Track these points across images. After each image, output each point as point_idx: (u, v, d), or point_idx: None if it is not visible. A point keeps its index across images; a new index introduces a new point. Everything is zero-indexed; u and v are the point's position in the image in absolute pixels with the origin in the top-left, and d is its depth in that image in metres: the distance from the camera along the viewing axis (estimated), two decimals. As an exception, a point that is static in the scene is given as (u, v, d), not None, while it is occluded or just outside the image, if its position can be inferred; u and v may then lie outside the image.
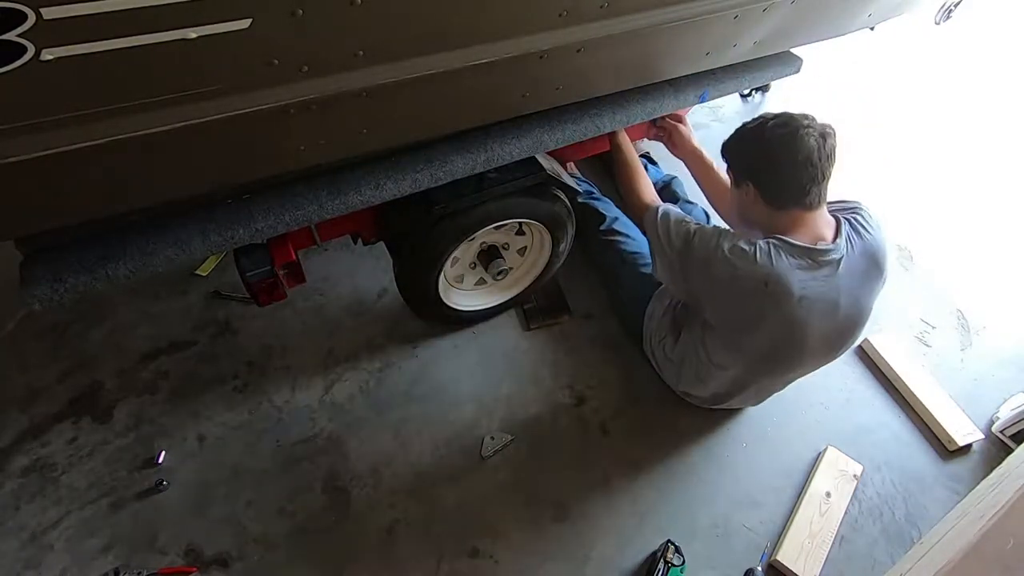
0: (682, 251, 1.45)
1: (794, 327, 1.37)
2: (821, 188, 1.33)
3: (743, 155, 1.42)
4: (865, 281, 1.41)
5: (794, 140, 1.28)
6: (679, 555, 1.53)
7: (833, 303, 1.37)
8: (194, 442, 1.68)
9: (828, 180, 1.34)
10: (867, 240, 1.40)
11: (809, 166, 1.28)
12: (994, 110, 3.35)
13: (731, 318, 1.45)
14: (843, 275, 1.35)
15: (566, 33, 1.17)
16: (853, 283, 1.38)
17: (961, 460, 1.86)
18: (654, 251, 1.55)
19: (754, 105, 3.08)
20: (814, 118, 1.33)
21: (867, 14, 1.86)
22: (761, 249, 1.33)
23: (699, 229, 1.44)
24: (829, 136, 1.31)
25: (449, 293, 1.84)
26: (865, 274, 1.40)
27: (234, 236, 1.27)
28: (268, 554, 1.51)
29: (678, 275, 1.48)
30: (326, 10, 0.87)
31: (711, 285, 1.42)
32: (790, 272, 1.31)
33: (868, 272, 1.40)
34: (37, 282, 1.13)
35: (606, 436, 1.79)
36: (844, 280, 1.36)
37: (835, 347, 1.50)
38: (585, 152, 1.87)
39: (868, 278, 1.41)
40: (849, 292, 1.38)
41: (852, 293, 1.39)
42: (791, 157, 1.29)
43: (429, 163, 1.40)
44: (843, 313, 1.39)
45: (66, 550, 1.48)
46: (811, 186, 1.31)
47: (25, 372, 1.80)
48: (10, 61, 0.71)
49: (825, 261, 1.33)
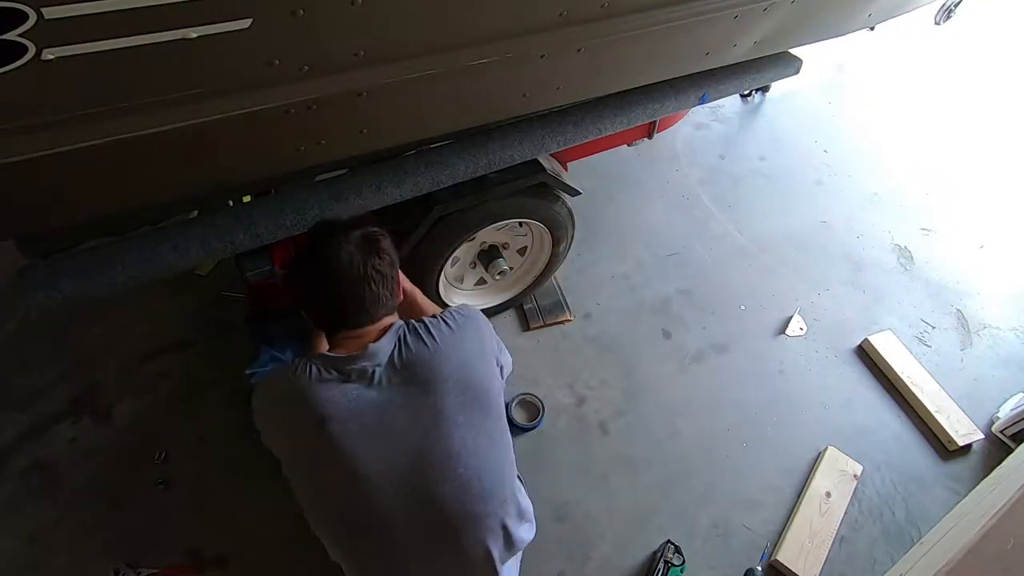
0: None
1: (335, 458, 0.97)
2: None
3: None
4: (423, 402, 1.01)
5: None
6: (679, 555, 1.53)
7: (381, 427, 0.99)
8: (194, 442, 1.68)
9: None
10: (427, 340, 1.04)
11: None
12: (994, 110, 3.35)
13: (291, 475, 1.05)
14: (386, 390, 1.00)
15: (566, 33, 1.17)
16: (404, 402, 1.00)
17: (961, 460, 1.85)
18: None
19: (754, 105, 3.09)
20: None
21: (867, 14, 1.86)
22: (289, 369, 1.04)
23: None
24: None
25: (449, 293, 1.84)
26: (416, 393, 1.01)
27: (235, 241, 1.26)
28: (268, 554, 1.51)
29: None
30: (326, 10, 0.87)
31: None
32: (310, 388, 0.99)
33: (418, 390, 1.01)
34: (36, 289, 1.13)
35: (606, 436, 1.79)
36: (388, 396, 1.00)
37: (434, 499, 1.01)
38: (585, 152, 1.87)
39: (422, 398, 1.01)
40: (402, 413, 1.00)
41: (408, 414, 1.00)
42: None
43: (430, 166, 1.40)
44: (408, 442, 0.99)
45: (66, 550, 1.48)
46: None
47: (25, 372, 1.80)
48: (11, 61, 0.71)
49: (356, 372, 1.00)
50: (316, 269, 1.06)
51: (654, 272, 2.26)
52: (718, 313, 2.15)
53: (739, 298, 2.21)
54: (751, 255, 2.38)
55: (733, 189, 2.65)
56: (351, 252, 1.04)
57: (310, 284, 1.07)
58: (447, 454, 1.00)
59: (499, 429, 1.09)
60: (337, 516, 1.02)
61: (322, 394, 0.98)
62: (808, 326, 2.14)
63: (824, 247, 2.45)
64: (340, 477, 0.98)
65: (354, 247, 1.05)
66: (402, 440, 0.99)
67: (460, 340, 1.07)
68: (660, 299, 2.18)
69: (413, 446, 0.99)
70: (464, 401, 1.03)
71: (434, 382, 1.01)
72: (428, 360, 1.03)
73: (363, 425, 0.98)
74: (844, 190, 2.71)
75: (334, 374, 1.00)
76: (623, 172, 2.63)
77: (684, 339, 2.07)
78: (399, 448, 0.99)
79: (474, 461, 1.02)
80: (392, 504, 0.99)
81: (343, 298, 1.05)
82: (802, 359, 2.05)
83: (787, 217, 2.55)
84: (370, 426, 0.98)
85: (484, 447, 1.04)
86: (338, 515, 1.02)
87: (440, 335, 1.06)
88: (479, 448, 1.03)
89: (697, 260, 2.33)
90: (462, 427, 1.02)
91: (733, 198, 2.60)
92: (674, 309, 2.15)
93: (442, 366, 1.03)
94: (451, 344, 1.06)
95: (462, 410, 1.02)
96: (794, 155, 2.86)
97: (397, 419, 1.00)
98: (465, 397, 1.03)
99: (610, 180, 2.57)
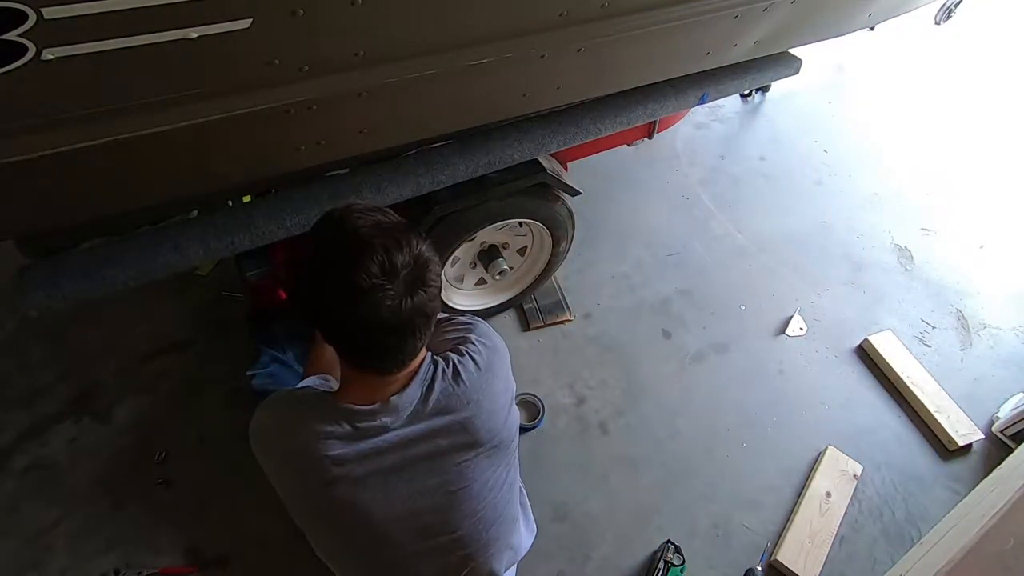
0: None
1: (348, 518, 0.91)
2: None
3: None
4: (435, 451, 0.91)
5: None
6: (679, 555, 1.53)
7: (399, 481, 0.91)
8: (194, 442, 1.68)
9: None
10: (456, 388, 0.92)
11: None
12: (994, 110, 3.35)
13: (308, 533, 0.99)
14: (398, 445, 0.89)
15: (566, 33, 1.17)
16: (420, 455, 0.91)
17: (961, 460, 1.85)
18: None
19: (754, 105, 3.08)
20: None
21: (867, 14, 1.86)
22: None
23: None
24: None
25: (449, 293, 1.84)
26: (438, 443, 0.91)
27: (234, 242, 1.26)
28: (268, 554, 1.51)
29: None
30: (326, 10, 0.87)
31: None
32: (315, 445, 0.86)
33: (443, 439, 0.91)
34: (35, 289, 1.13)
35: (606, 436, 1.79)
36: (409, 453, 0.90)
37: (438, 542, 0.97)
38: (585, 152, 1.87)
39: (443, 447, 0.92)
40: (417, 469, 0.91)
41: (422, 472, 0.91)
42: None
43: (431, 166, 1.40)
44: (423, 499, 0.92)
45: (66, 550, 1.48)
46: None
47: (25, 372, 1.80)
48: (11, 61, 0.71)
49: (374, 429, 0.88)
50: (344, 304, 0.80)
51: (654, 272, 2.26)
52: (718, 313, 2.15)
53: (739, 298, 2.21)
54: (751, 255, 2.38)
55: (733, 189, 2.65)
56: (394, 293, 0.79)
57: (331, 317, 0.84)
58: (470, 504, 0.95)
59: (514, 461, 1.05)
60: (349, 560, 0.99)
61: (331, 452, 0.85)
62: (808, 326, 2.14)
63: (824, 247, 2.45)
64: (352, 529, 0.92)
65: (401, 286, 0.79)
66: (422, 495, 0.92)
67: (488, 382, 0.96)
68: (660, 299, 2.18)
69: (434, 499, 0.93)
70: (489, 454, 0.95)
71: (462, 443, 0.92)
72: (457, 414, 0.91)
73: (378, 482, 0.89)
74: (844, 190, 2.71)
75: (346, 428, 0.86)
76: (623, 172, 2.63)
77: (684, 339, 2.07)
78: (419, 503, 0.92)
79: (491, 495, 0.99)
80: (407, 542, 0.94)
81: (376, 346, 0.84)
82: (802, 359, 2.05)
83: (787, 217, 2.55)
84: (387, 481, 0.89)
85: (501, 481, 1.01)
86: (350, 560, 0.99)
87: (470, 378, 0.94)
88: (497, 484, 1.00)
89: (697, 260, 2.33)
90: (487, 479, 0.96)
91: (733, 198, 2.60)
92: (674, 309, 2.15)
93: (472, 423, 0.92)
94: (480, 390, 0.94)
95: (488, 464, 0.96)
96: (794, 155, 2.86)
97: (417, 476, 0.91)
98: (491, 449, 0.95)
99: (610, 180, 2.57)
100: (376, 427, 0.87)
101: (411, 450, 0.90)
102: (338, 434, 0.86)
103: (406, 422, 0.89)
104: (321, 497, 0.88)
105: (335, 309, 0.82)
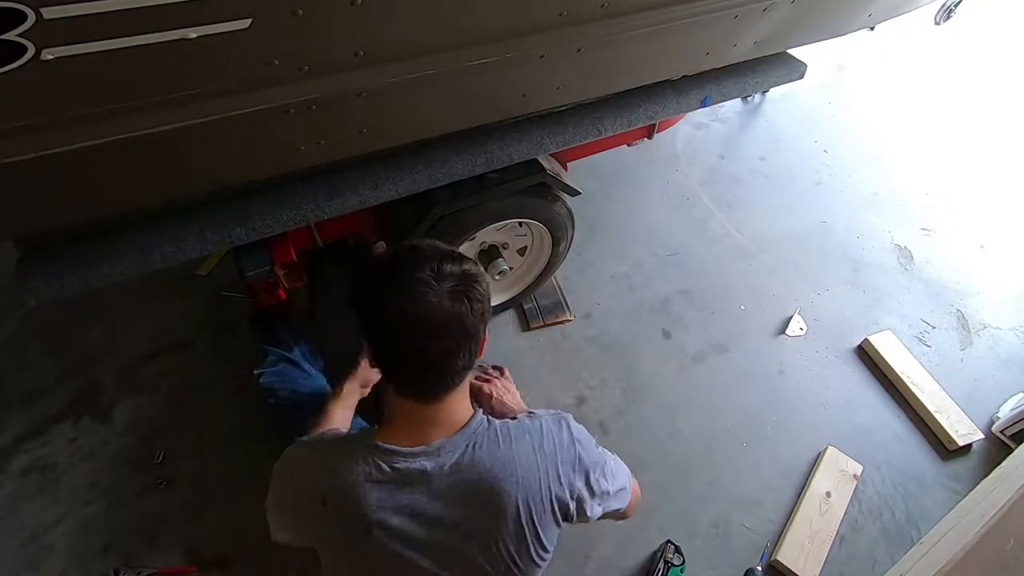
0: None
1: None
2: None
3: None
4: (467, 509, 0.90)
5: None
6: (679, 555, 1.53)
7: (434, 537, 0.90)
8: (194, 442, 1.68)
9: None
10: (497, 461, 0.90)
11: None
12: (994, 110, 3.35)
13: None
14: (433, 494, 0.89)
15: (566, 33, 1.17)
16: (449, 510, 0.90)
17: (961, 460, 1.85)
18: None
19: (754, 105, 3.09)
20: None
21: (867, 14, 1.86)
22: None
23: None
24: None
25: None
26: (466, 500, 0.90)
27: (231, 235, 1.27)
28: (268, 554, 1.51)
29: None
30: (326, 10, 0.87)
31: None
32: (359, 488, 0.87)
33: (471, 498, 0.90)
34: (34, 277, 1.13)
35: (606, 436, 1.79)
36: (443, 510, 0.90)
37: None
38: (585, 152, 1.87)
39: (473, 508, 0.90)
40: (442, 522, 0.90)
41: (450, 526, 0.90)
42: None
43: (428, 164, 1.40)
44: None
45: (66, 550, 1.48)
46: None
47: (25, 372, 1.80)
48: (10, 61, 0.71)
49: (414, 474, 0.88)
50: (390, 292, 0.84)
51: (654, 272, 2.26)
52: (718, 313, 2.15)
53: (739, 298, 2.21)
54: (751, 255, 2.38)
55: (733, 189, 2.65)
56: (438, 291, 0.82)
57: (378, 311, 0.86)
58: (502, 561, 0.93)
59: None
60: None
61: (373, 495, 0.87)
62: (808, 326, 2.14)
63: (824, 247, 2.45)
64: (380, 574, 0.92)
65: (447, 288, 0.83)
66: (454, 552, 0.91)
67: (537, 452, 0.93)
68: (660, 299, 2.18)
69: (464, 556, 0.91)
70: (521, 527, 0.91)
71: (495, 511, 0.90)
72: (493, 480, 0.89)
73: (415, 533, 0.89)
74: (844, 190, 2.71)
75: (388, 473, 0.87)
76: (623, 172, 2.63)
77: (684, 339, 2.07)
78: (451, 556, 0.91)
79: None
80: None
81: (418, 354, 0.85)
82: (802, 359, 2.05)
83: (787, 217, 2.55)
84: (420, 534, 0.89)
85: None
86: None
87: (517, 444, 0.92)
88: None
89: (697, 260, 2.33)
90: (517, 548, 0.93)
91: (733, 198, 2.60)
92: (674, 309, 2.15)
93: (506, 493, 0.89)
94: (525, 457, 0.92)
95: (525, 536, 0.92)
96: (794, 155, 2.86)
97: (451, 535, 0.90)
98: (522, 523, 0.91)
99: (610, 180, 2.57)
100: (416, 472, 0.88)
101: (444, 512, 0.89)
102: (378, 479, 0.88)
103: (447, 476, 0.89)
104: (363, 540, 0.89)
105: (383, 302, 0.85)
